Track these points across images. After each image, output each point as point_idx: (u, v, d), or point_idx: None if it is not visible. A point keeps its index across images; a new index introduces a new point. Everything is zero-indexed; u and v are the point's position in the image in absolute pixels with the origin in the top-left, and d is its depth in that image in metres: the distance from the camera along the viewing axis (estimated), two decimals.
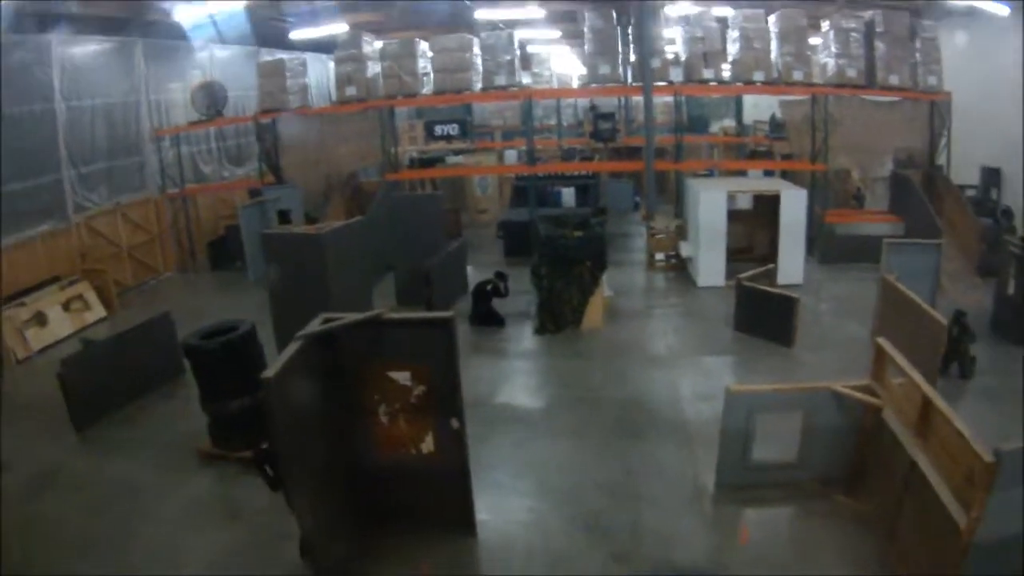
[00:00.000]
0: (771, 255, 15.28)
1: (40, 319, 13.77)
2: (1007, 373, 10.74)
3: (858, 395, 7.80)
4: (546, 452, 8.99)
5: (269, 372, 5.85)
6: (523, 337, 13.04)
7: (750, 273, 13.22)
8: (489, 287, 13.55)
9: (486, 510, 7.54)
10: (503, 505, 7.87)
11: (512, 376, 11.58)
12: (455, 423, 6.91)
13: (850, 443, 7.94)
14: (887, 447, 7.28)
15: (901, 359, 7.60)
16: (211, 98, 19.03)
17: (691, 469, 8.51)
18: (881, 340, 8.01)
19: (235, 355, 8.80)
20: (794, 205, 15.14)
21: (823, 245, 16.77)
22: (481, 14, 19.10)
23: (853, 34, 17.35)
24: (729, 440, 7.96)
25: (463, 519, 7.33)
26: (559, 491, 8.14)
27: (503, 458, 8.81)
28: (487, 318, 13.45)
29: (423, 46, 18.62)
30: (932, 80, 18.02)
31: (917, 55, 17.89)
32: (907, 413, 7.14)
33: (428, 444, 7.12)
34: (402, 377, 6.89)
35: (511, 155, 23.33)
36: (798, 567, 6.89)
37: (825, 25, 17.79)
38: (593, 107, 23.62)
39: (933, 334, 9.56)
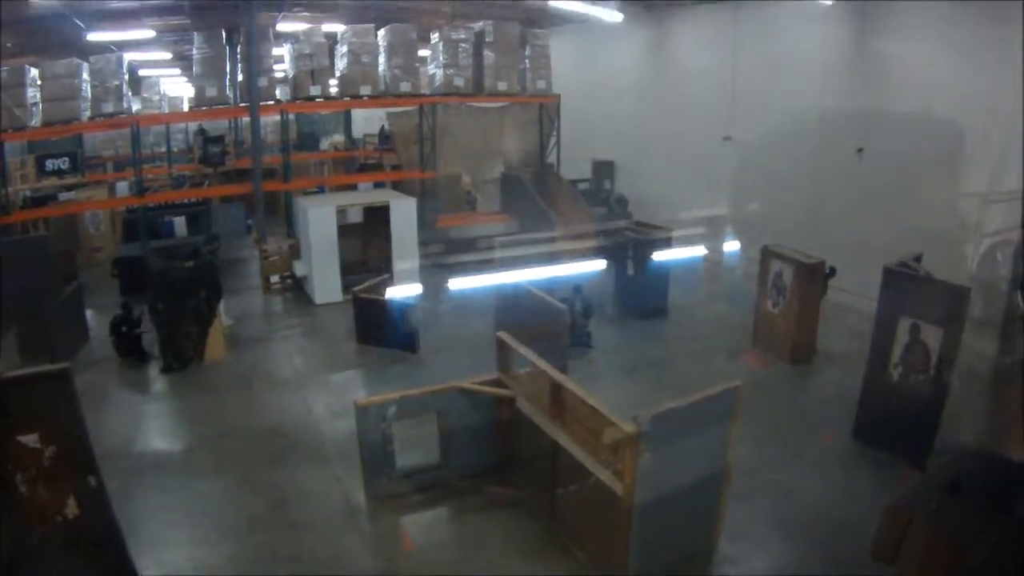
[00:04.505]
0: (387, 265, 15.63)
1: None
2: (631, 345, 12.76)
3: (487, 389, 8.20)
4: (193, 496, 8.61)
5: None
6: (151, 379, 12.29)
7: (366, 284, 13.40)
8: (118, 318, 12.77)
9: (152, 567, 7.09)
10: (164, 559, 7.40)
11: (146, 421, 10.84)
12: (92, 481, 6.48)
13: (491, 435, 8.34)
14: (528, 433, 7.71)
15: (525, 349, 8.09)
16: None
17: (339, 488, 8.49)
18: (501, 334, 8.45)
19: None
20: (404, 214, 15.67)
21: (437, 249, 17.49)
22: (94, 36, 17.39)
23: (462, 45, 18.40)
24: (369, 453, 7.99)
25: None
26: (215, 533, 7.83)
27: (152, 509, 8.27)
28: (132, 350, 12.74)
29: (34, 73, 16.81)
30: (542, 84, 19.68)
31: (527, 61, 19.46)
32: (540, 398, 7.60)
33: (72, 508, 6.52)
34: (30, 440, 6.28)
35: (123, 187, 21.76)
36: (470, 561, 7.13)
37: (435, 37, 18.64)
38: (201, 131, 22.75)
39: (557, 319, 10.32)
